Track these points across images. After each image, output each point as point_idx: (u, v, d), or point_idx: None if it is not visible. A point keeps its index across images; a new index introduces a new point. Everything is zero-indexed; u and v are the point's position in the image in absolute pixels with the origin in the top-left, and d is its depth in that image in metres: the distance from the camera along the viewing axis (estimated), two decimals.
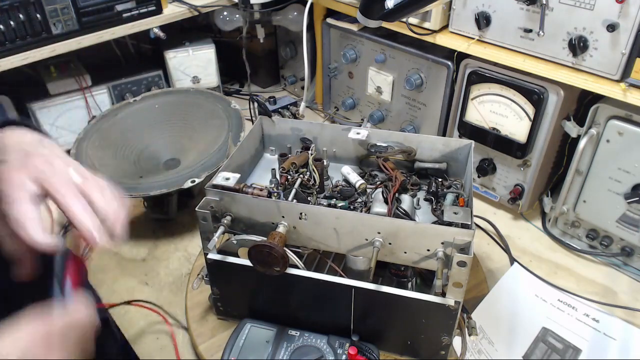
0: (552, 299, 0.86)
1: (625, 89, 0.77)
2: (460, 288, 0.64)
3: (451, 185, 0.79)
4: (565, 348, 0.78)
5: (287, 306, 0.76)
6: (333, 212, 0.66)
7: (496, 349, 0.78)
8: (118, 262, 0.96)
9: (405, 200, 0.74)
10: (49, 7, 1.02)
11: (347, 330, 0.74)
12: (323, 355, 0.71)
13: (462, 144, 0.79)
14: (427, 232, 0.64)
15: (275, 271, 0.67)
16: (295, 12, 1.28)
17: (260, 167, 0.88)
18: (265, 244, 0.64)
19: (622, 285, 0.90)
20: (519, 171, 0.99)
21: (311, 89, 1.39)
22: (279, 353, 0.72)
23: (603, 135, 0.84)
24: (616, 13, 0.75)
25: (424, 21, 0.98)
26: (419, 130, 1.14)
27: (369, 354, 0.71)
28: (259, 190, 0.71)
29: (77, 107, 1.18)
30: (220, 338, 0.78)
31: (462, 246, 0.63)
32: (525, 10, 0.84)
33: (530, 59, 0.87)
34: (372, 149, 0.82)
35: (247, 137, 0.84)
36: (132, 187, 0.92)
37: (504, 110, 0.94)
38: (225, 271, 0.74)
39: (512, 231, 1.02)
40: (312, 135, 0.85)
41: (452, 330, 0.69)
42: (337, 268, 0.73)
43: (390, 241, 0.66)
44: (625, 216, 0.86)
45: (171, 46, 1.28)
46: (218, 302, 0.80)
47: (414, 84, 1.07)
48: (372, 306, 0.70)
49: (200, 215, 0.71)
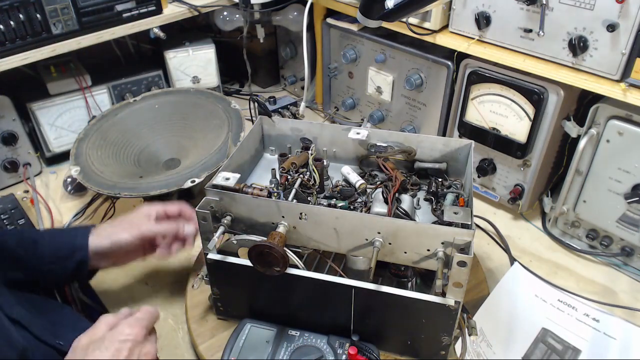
0: (552, 299, 0.86)
1: (625, 89, 0.77)
2: (461, 288, 0.64)
3: (451, 185, 0.79)
4: (564, 349, 0.78)
5: (287, 306, 0.76)
6: (333, 212, 0.66)
7: (494, 351, 0.78)
8: None
9: (405, 200, 0.74)
10: (49, 7, 1.02)
11: (347, 330, 0.74)
12: (323, 355, 0.71)
13: (462, 144, 0.79)
14: (427, 232, 0.64)
15: (276, 271, 0.67)
16: (295, 12, 1.28)
17: (260, 167, 0.88)
18: (265, 244, 0.64)
19: (622, 285, 0.90)
20: (519, 171, 0.99)
21: (311, 89, 1.39)
22: (279, 353, 0.72)
23: (603, 135, 0.84)
24: (616, 13, 0.75)
25: (424, 21, 0.98)
26: (419, 130, 1.14)
27: (369, 353, 0.71)
28: (258, 190, 0.71)
29: (77, 107, 1.18)
30: (220, 338, 0.78)
31: (462, 246, 0.63)
32: (525, 10, 0.84)
33: (530, 59, 0.87)
34: (372, 149, 0.82)
35: (247, 137, 0.84)
36: (132, 187, 0.92)
37: (504, 110, 0.94)
38: (225, 271, 0.74)
39: (512, 231, 1.02)
40: (312, 135, 0.85)
41: (452, 330, 0.69)
42: (337, 268, 0.73)
43: (390, 241, 0.66)
44: (625, 216, 0.86)
45: (171, 46, 1.28)
46: (218, 302, 0.80)
47: (414, 84, 1.07)
48: (372, 306, 0.70)
49: (200, 215, 0.71)
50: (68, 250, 0.77)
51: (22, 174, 1.13)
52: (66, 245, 0.77)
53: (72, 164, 0.98)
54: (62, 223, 1.05)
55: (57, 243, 0.78)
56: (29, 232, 0.88)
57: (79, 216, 1.05)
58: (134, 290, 0.91)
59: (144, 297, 0.89)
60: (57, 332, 0.70)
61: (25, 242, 0.76)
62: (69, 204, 1.10)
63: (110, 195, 0.92)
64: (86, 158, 0.99)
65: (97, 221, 1.04)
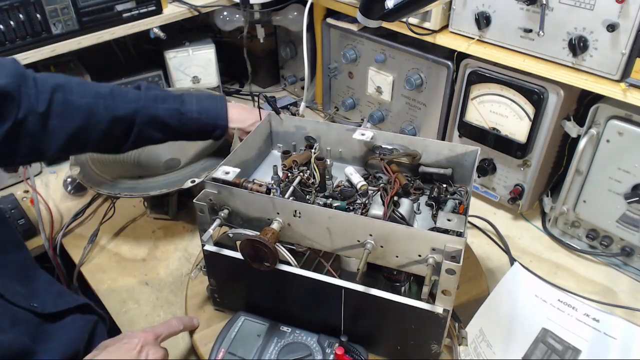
0: (552, 299, 0.86)
1: (625, 89, 0.77)
2: (449, 296, 0.63)
3: (455, 192, 0.78)
4: (564, 349, 0.78)
5: (281, 302, 0.76)
6: (327, 211, 0.66)
7: (494, 351, 0.77)
8: (118, 262, 0.97)
9: (404, 204, 0.74)
10: (49, 7, 1.02)
11: (338, 330, 0.74)
12: (311, 353, 0.72)
13: (467, 149, 0.78)
14: (418, 237, 0.63)
15: (265, 266, 0.67)
16: (295, 12, 1.28)
17: (266, 163, 0.88)
18: (256, 239, 0.65)
19: (622, 285, 0.90)
20: (519, 171, 0.99)
21: (311, 89, 1.39)
22: (268, 347, 0.73)
23: (603, 135, 0.84)
24: (616, 13, 0.75)
25: (424, 21, 0.98)
26: (419, 130, 1.14)
27: (356, 355, 0.71)
28: (258, 186, 0.71)
29: None
30: (215, 329, 0.79)
31: (452, 254, 0.62)
32: (525, 10, 0.84)
33: (530, 59, 0.87)
34: (377, 151, 0.82)
35: (253, 133, 0.84)
36: (132, 187, 0.92)
37: (504, 110, 0.94)
38: (222, 263, 0.75)
39: (512, 231, 1.02)
40: (317, 134, 0.85)
41: (441, 339, 0.68)
42: (330, 268, 0.72)
43: (382, 244, 0.65)
44: (625, 216, 0.86)
45: (171, 46, 1.28)
46: (215, 293, 0.81)
47: (414, 84, 1.07)
48: (361, 308, 0.70)
49: (198, 207, 0.71)
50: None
51: (22, 174, 1.13)
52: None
53: (72, 164, 0.98)
54: (62, 223, 1.05)
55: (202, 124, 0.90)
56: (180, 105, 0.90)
57: (79, 216, 1.05)
58: (134, 290, 0.91)
59: (144, 297, 0.89)
60: (32, 295, 0.72)
61: (175, 116, 0.87)
62: (69, 204, 1.10)
63: (110, 195, 0.92)
64: (86, 158, 0.99)
65: (97, 221, 1.04)
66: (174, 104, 0.87)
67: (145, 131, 0.85)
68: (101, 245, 1.00)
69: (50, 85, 0.76)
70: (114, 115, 0.81)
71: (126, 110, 0.82)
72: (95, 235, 1.00)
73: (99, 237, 1.01)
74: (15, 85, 0.72)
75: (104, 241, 1.01)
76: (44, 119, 0.75)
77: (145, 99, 0.85)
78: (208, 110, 0.90)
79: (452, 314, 0.66)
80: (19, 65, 0.75)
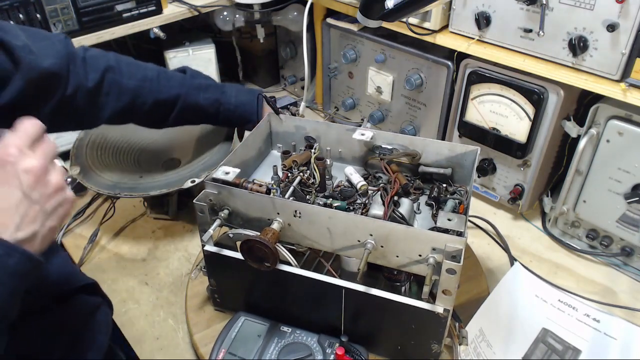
0: (553, 299, 0.86)
1: (625, 89, 0.77)
2: (450, 296, 0.63)
3: (455, 191, 0.78)
4: (565, 349, 0.78)
5: (281, 302, 0.76)
6: (327, 211, 0.66)
7: (494, 351, 0.77)
8: (118, 262, 0.97)
9: (404, 203, 0.74)
10: (49, 7, 1.02)
11: (339, 330, 0.74)
12: (311, 353, 0.72)
13: (467, 149, 0.78)
14: (419, 237, 0.63)
15: (265, 266, 0.67)
16: (295, 12, 1.28)
17: (266, 163, 0.88)
18: (257, 239, 0.65)
19: (622, 285, 0.90)
20: (519, 171, 0.99)
21: (311, 89, 1.39)
22: (269, 348, 0.73)
23: (603, 135, 0.84)
24: (616, 13, 0.75)
25: (424, 21, 0.98)
26: (419, 130, 1.14)
27: (356, 355, 0.70)
28: (258, 186, 0.71)
29: None
30: (215, 329, 0.79)
31: (453, 253, 0.62)
32: (525, 10, 0.84)
33: (530, 59, 0.87)
34: (376, 151, 0.82)
35: (253, 133, 0.84)
36: (132, 187, 0.93)
37: (504, 110, 0.94)
38: (222, 264, 0.75)
39: (512, 231, 1.02)
40: (316, 135, 0.85)
41: (441, 339, 0.68)
42: (330, 268, 0.72)
43: (382, 244, 0.65)
44: (625, 216, 0.86)
45: (171, 46, 1.28)
46: (215, 293, 0.81)
47: (414, 84, 1.07)
48: (362, 308, 0.70)
49: (198, 207, 0.71)
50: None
51: None
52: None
53: (72, 164, 0.98)
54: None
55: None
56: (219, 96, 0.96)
57: (79, 216, 1.05)
58: (134, 290, 0.91)
59: (144, 297, 0.89)
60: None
61: (214, 105, 0.93)
62: None
63: (110, 195, 0.92)
64: (86, 158, 0.99)
65: (97, 221, 1.04)
66: (214, 94, 0.93)
67: (185, 115, 0.92)
68: (101, 245, 1.00)
69: (103, 66, 0.82)
70: (157, 98, 0.87)
71: (169, 94, 0.88)
72: (95, 235, 1.00)
73: (99, 237, 1.01)
74: (63, 65, 0.77)
75: (104, 241, 1.01)
76: (93, 95, 0.81)
77: (189, 86, 0.91)
78: (244, 105, 0.96)
79: (452, 314, 0.66)
80: (68, 44, 0.80)
